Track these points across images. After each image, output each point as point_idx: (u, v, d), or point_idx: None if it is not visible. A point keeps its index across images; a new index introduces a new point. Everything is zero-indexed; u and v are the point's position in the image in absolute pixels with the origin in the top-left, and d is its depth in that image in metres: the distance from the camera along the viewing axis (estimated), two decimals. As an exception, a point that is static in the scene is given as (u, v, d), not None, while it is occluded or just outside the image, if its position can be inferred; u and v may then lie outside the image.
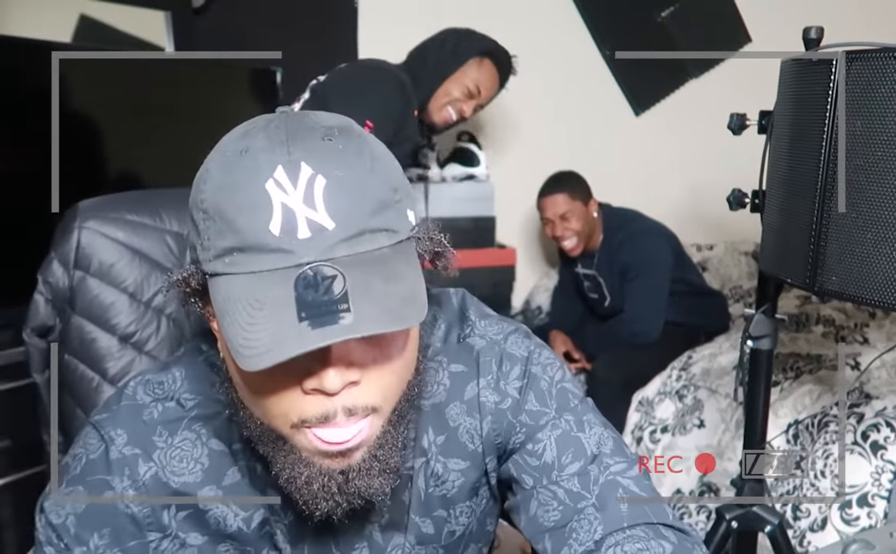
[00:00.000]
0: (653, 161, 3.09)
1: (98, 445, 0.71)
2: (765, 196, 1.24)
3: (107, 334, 1.03)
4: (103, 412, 0.73)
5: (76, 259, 1.02)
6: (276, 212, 0.57)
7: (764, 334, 1.31)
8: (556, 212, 2.47)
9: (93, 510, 0.69)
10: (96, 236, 1.03)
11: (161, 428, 0.72)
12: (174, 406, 0.73)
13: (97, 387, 1.02)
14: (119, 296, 1.04)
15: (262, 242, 0.57)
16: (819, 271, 1.07)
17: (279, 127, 0.60)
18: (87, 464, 0.70)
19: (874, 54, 0.99)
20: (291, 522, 0.74)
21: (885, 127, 0.98)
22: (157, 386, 0.74)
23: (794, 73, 1.14)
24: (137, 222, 1.07)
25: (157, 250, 1.07)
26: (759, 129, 1.25)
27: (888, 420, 1.60)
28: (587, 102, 3.03)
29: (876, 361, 1.89)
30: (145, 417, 0.72)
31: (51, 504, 0.70)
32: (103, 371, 1.03)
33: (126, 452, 0.70)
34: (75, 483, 0.70)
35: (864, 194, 1.01)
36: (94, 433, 0.72)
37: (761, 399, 1.36)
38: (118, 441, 0.71)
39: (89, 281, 1.03)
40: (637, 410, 2.18)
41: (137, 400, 0.73)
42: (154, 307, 1.06)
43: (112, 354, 1.03)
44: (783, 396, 1.84)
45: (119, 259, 1.04)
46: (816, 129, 1.06)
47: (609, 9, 2.98)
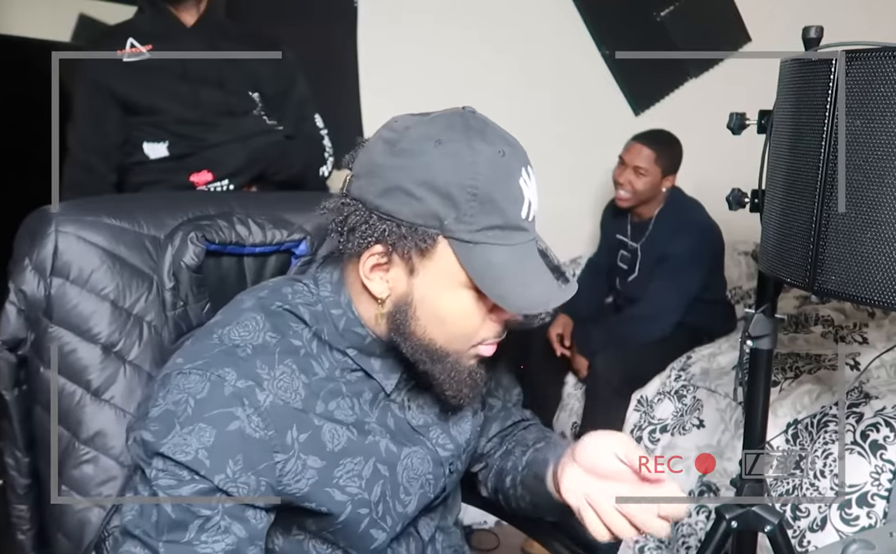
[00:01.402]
0: (652, 161, 3.08)
1: (202, 384, 0.77)
2: (764, 196, 1.24)
3: (88, 344, 0.98)
4: (196, 360, 0.80)
5: (53, 266, 0.96)
6: (524, 202, 0.80)
7: (763, 334, 1.31)
8: (633, 161, 2.43)
9: (222, 440, 0.76)
10: (74, 241, 0.98)
11: (260, 362, 0.81)
12: (262, 345, 0.82)
13: (80, 400, 0.97)
14: (100, 304, 0.99)
15: (517, 224, 0.80)
16: (819, 271, 1.07)
17: (504, 134, 0.83)
18: (197, 404, 0.77)
19: (874, 54, 0.99)
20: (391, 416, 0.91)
21: (884, 127, 0.98)
22: (242, 329, 0.83)
23: (794, 73, 1.14)
24: (116, 226, 1.02)
25: (136, 256, 1.03)
26: (759, 129, 1.25)
27: (888, 420, 1.60)
28: (587, 102, 3.03)
29: (875, 360, 1.89)
30: (241, 354, 0.80)
31: (172, 446, 0.75)
32: (86, 383, 0.97)
33: (240, 385, 0.78)
34: (194, 422, 0.76)
35: (864, 194, 1.01)
36: (191, 377, 0.78)
37: (761, 399, 1.36)
38: (229, 378, 0.78)
39: (68, 289, 0.97)
40: (636, 409, 2.18)
41: (227, 343, 0.81)
42: (135, 315, 1.01)
43: (95, 365, 0.98)
44: (782, 395, 1.84)
45: (99, 265, 0.99)
46: (816, 129, 1.06)
47: (609, 9, 2.98)
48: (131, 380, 1.00)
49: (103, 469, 0.97)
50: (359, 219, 0.80)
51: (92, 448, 0.97)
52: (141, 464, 0.79)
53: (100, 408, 0.98)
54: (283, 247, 1.13)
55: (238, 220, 1.09)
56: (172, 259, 1.01)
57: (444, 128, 0.79)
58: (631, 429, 2.17)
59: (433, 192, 0.77)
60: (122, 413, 0.99)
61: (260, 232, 1.10)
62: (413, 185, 0.77)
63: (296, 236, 1.14)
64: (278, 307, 0.86)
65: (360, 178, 0.81)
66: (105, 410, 0.98)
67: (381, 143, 0.80)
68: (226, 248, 1.07)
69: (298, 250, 1.14)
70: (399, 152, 0.78)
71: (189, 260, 1.01)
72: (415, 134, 0.79)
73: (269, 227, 1.11)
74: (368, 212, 0.79)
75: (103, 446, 0.97)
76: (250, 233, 1.09)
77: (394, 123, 0.82)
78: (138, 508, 0.78)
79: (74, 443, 0.97)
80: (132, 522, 0.77)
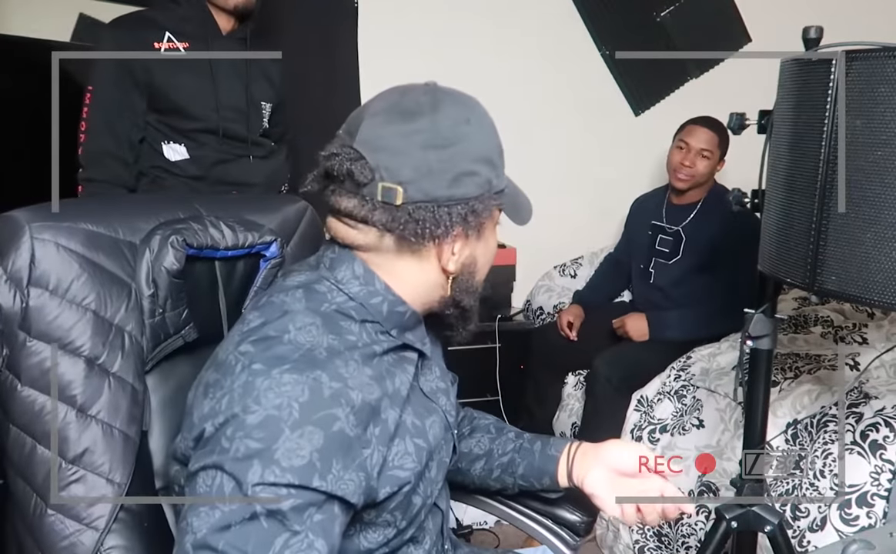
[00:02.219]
0: (653, 161, 3.09)
1: (300, 388, 0.78)
2: (764, 196, 1.24)
3: (71, 358, 0.92)
4: (281, 364, 0.79)
5: (31, 276, 0.90)
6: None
7: (763, 334, 1.31)
8: (699, 144, 2.43)
9: (329, 442, 0.77)
10: (53, 248, 0.91)
11: (338, 362, 0.82)
12: (329, 346, 0.83)
13: (65, 418, 0.91)
14: (82, 315, 0.93)
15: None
16: (819, 271, 1.07)
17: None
18: (301, 407, 0.77)
19: (874, 54, 0.99)
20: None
21: (885, 127, 0.98)
22: (305, 333, 0.83)
23: (794, 73, 1.14)
24: (93, 232, 0.96)
25: (114, 262, 0.97)
26: (759, 129, 1.25)
27: (887, 420, 1.60)
28: (587, 102, 3.03)
29: (875, 361, 1.89)
30: (320, 357, 0.82)
31: (286, 450, 0.75)
32: (70, 399, 0.91)
33: (335, 386, 0.80)
34: (302, 425, 0.76)
35: (864, 194, 1.01)
36: (284, 381, 0.78)
37: (761, 399, 1.36)
38: (323, 379, 0.79)
39: (48, 300, 0.91)
40: (636, 409, 2.18)
41: (302, 346, 0.82)
42: (116, 325, 0.96)
43: (78, 380, 0.92)
44: (782, 396, 1.84)
45: (80, 274, 0.93)
46: (816, 129, 1.06)
47: (609, 9, 2.98)
48: (116, 393, 0.95)
49: (93, 488, 0.92)
50: (432, 218, 0.85)
51: (80, 467, 0.92)
52: (234, 473, 0.75)
53: (86, 424, 0.92)
54: (254, 249, 1.11)
55: (210, 223, 1.06)
56: (151, 265, 0.98)
57: (451, 108, 0.88)
58: (631, 429, 2.16)
59: (484, 162, 0.88)
60: (110, 429, 0.94)
61: (232, 235, 1.07)
62: (471, 164, 0.87)
63: (267, 238, 1.12)
64: (326, 308, 0.87)
65: (414, 184, 0.84)
66: (92, 426, 0.93)
67: (419, 148, 0.85)
68: (202, 252, 1.04)
69: (269, 252, 1.13)
70: (443, 144, 0.85)
71: (170, 265, 0.98)
72: (443, 123, 0.86)
73: (240, 230, 1.09)
74: (438, 205, 0.85)
75: (91, 465, 0.92)
76: (223, 236, 1.06)
77: (411, 126, 0.85)
78: (223, 519, 0.75)
79: (61, 463, 0.91)
80: (212, 535, 0.74)
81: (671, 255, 2.51)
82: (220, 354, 0.86)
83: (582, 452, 1.08)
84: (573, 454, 1.08)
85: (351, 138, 0.86)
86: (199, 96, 1.77)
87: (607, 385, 2.25)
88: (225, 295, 1.11)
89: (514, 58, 2.91)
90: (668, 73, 3.10)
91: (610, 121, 3.08)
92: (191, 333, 1.04)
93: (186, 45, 1.74)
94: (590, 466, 1.06)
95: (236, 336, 0.85)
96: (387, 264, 0.90)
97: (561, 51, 2.96)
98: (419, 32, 2.78)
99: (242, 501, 0.74)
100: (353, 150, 0.85)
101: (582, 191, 3.08)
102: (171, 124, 1.77)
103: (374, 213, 0.85)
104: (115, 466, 0.94)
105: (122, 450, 0.95)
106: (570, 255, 2.98)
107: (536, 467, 1.11)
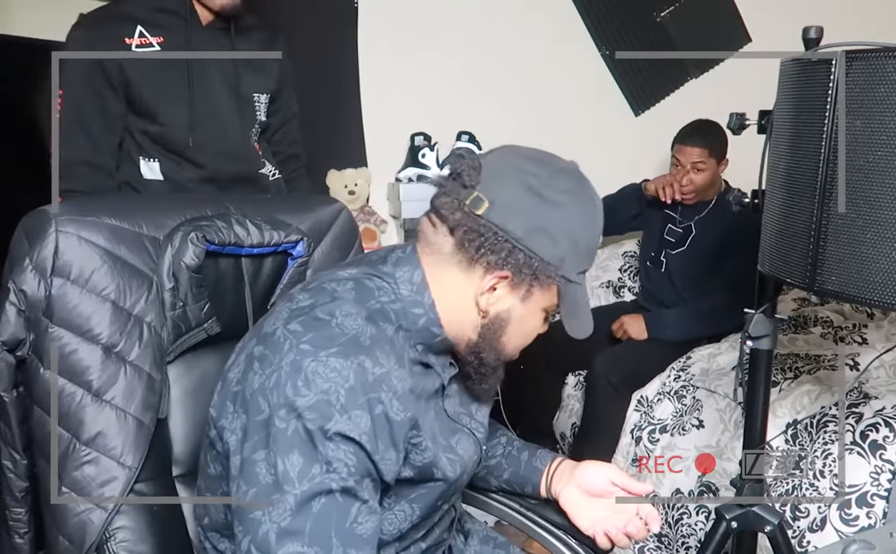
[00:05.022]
0: (653, 161, 3.09)
1: (347, 372, 0.81)
2: (764, 196, 1.24)
3: (89, 345, 0.97)
4: (329, 347, 0.82)
5: (54, 266, 0.95)
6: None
7: (763, 334, 1.31)
8: (689, 160, 2.46)
9: (375, 423, 0.82)
10: (75, 241, 0.96)
11: (379, 351, 0.85)
12: (372, 335, 0.86)
13: (80, 401, 0.96)
14: (101, 304, 0.98)
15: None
16: (819, 271, 1.07)
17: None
18: (347, 392, 0.80)
19: (874, 54, 0.99)
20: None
21: (885, 127, 0.98)
22: (351, 320, 0.86)
23: (794, 73, 1.14)
24: (116, 226, 1.01)
25: (136, 256, 1.01)
26: (759, 129, 1.25)
27: (887, 420, 1.60)
28: (587, 102, 3.03)
29: (875, 361, 1.89)
30: (364, 343, 0.85)
31: (345, 424, 0.80)
32: (87, 384, 0.96)
33: (377, 372, 0.84)
34: (349, 409, 0.80)
35: (864, 194, 1.01)
36: (331, 364, 0.81)
37: (761, 399, 1.36)
38: (368, 364, 0.83)
39: (69, 289, 0.96)
40: (636, 409, 2.18)
41: (349, 332, 0.84)
42: (136, 315, 1.00)
43: (95, 366, 0.97)
44: (782, 396, 1.84)
45: (100, 265, 0.98)
46: (816, 129, 1.06)
47: (608, 9, 2.98)
48: (132, 381, 0.99)
49: (104, 469, 0.97)
50: (494, 243, 0.88)
51: (93, 449, 0.96)
52: (299, 454, 0.79)
53: (100, 409, 0.97)
54: (280, 248, 1.14)
55: (236, 221, 1.10)
56: (172, 259, 1.02)
57: (575, 181, 0.92)
58: (631, 429, 2.16)
59: (568, 239, 0.90)
60: (123, 414, 0.98)
61: (258, 233, 1.11)
62: (556, 232, 0.89)
63: (293, 237, 1.15)
64: (372, 304, 0.90)
65: (500, 208, 0.88)
66: (106, 410, 0.97)
67: (524, 186, 0.89)
68: (224, 248, 1.08)
69: (295, 251, 1.16)
70: (547, 200, 0.89)
71: (189, 260, 1.01)
72: (558, 185, 0.90)
73: (266, 229, 1.12)
74: (505, 240, 0.88)
75: (104, 447, 0.97)
76: (248, 234, 1.10)
77: (532, 168, 0.90)
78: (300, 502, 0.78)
79: (75, 444, 0.96)
80: (294, 520, 0.78)
81: (676, 246, 2.52)
82: (266, 327, 0.88)
83: (561, 470, 1.16)
84: (553, 470, 1.16)
85: (483, 156, 0.93)
86: (171, 102, 1.60)
87: (607, 385, 2.25)
88: (251, 291, 1.14)
89: (514, 58, 2.90)
90: (668, 73, 3.10)
91: (610, 121, 3.08)
92: (213, 326, 1.07)
93: (160, 39, 1.59)
94: (566, 483, 1.14)
95: (284, 312, 0.88)
96: (440, 274, 0.93)
97: (561, 51, 2.96)
98: (419, 33, 2.78)
99: (312, 480, 0.78)
100: (477, 160, 0.90)
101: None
102: (146, 130, 1.62)
103: (455, 213, 0.89)
104: (128, 450, 0.98)
105: (136, 435, 0.99)
106: (570, 256, 2.99)
107: (521, 476, 1.18)
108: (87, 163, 1.60)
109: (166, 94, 1.61)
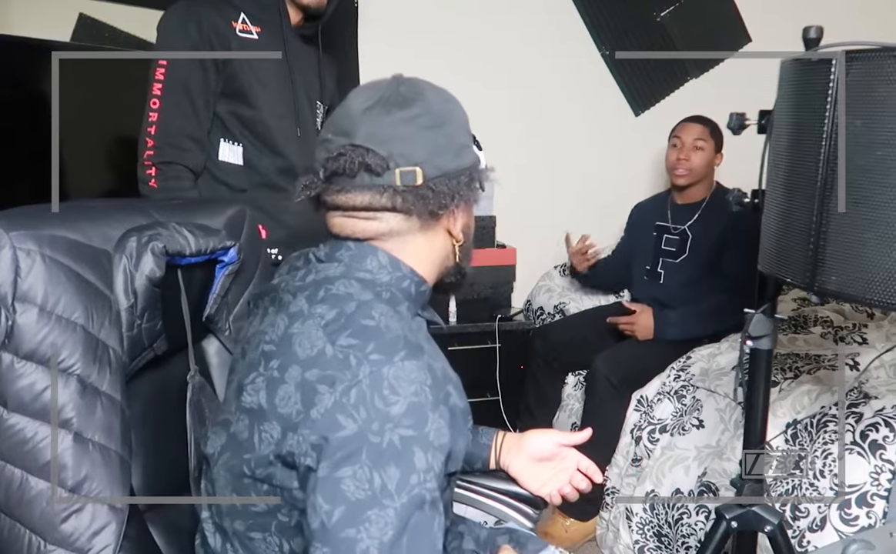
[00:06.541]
0: (653, 161, 3.09)
1: (422, 372, 0.80)
2: (764, 196, 1.24)
3: (63, 378, 0.83)
4: (396, 349, 0.80)
5: (16, 292, 0.81)
6: None
7: (763, 334, 1.31)
8: (691, 137, 2.48)
9: (451, 416, 0.83)
10: (37, 260, 0.82)
11: (420, 340, 0.85)
12: (409, 329, 0.86)
13: (61, 444, 0.83)
14: (72, 331, 0.84)
15: None
16: (819, 271, 1.07)
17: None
18: (431, 390, 0.80)
19: (874, 54, 0.99)
20: None
21: (885, 127, 0.98)
22: (388, 319, 0.84)
23: (794, 73, 1.14)
24: (73, 240, 0.87)
25: (94, 272, 0.88)
26: (759, 129, 1.25)
27: (887, 420, 1.60)
28: (587, 102, 3.03)
29: (875, 361, 1.89)
30: (412, 340, 0.83)
31: (435, 431, 0.79)
32: (66, 423, 0.83)
33: (438, 366, 0.85)
34: (437, 406, 0.80)
35: (864, 194, 1.01)
36: (407, 367, 0.79)
37: (761, 399, 1.36)
38: (428, 360, 0.82)
39: (34, 316, 0.82)
40: (636, 409, 2.18)
41: (395, 332, 0.83)
42: (101, 340, 0.88)
43: (72, 402, 0.83)
44: (782, 396, 1.84)
45: (67, 287, 0.84)
46: (816, 129, 1.06)
47: (609, 9, 2.98)
48: (108, 413, 0.87)
49: (96, 516, 0.85)
50: (446, 187, 0.90)
51: (81, 496, 0.85)
52: (396, 466, 0.76)
53: (84, 449, 0.85)
54: (214, 255, 1.07)
55: (174, 229, 1.00)
56: (131, 273, 0.93)
57: (431, 89, 0.94)
58: (631, 429, 2.16)
59: (468, 135, 0.96)
60: (107, 451, 0.87)
61: (195, 241, 1.02)
62: (464, 137, 0.94)
63: (226, 243, 1.08)
64: (384, 295, 0.90)
65: (430, 161, 0.89)
66: (90, 450, 0.85)
67: (419, 128, 0.89)
68: (174, 259, 0.99)
69: (227, 258, 1.10)
70: (441, 123, 0.91)
71: (151, 273, 0.93)
72: (434, 105, 0.91)
73: (200, 235, 1.03)
74: (450, 178, 0.90)
75: (92, 492, 0.85)
76: (188, 242, 1.01)
77: (409, 112, 0.89)
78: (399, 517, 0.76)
79: (60, 493, 0.84)
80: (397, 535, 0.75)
81: (678, 254, 2.52)
82: (303, 353, 0.81)
83: (507, 443, 1.23)
84: (500, 444, 1.24)
85: (349, 137, 0.87)
86: (270, 90, 1.67)
87: (607, 385, 2.25)
88: (188, 303, 1.06)
89: (514, 58, 2.91)
90: (668, 73, 3.10)
91: (610, 121, 3.08)
92: (161, 344, 0.99)
93: (259, 29, 1.66)
94: (514, 454, 1.21)
95: (318, 331, 0.82)
96: (407, 247, 0.92)
97: (561, 51, 2.96)
98: (419, 33, 2.78)
99: (411, 492, 0.77)
100: (360, 147, 0.86)
101: (582, 191, 3.08)
102: (238, 113, 1.65)
103: (395, 199, 0.87)
104: (116, 491, 0.87)
105: (120, 473, 0.88)
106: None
107: (470, 453, 1.24)
108: (193, 137, 1.61)
109: (264, 82, 1.67)
